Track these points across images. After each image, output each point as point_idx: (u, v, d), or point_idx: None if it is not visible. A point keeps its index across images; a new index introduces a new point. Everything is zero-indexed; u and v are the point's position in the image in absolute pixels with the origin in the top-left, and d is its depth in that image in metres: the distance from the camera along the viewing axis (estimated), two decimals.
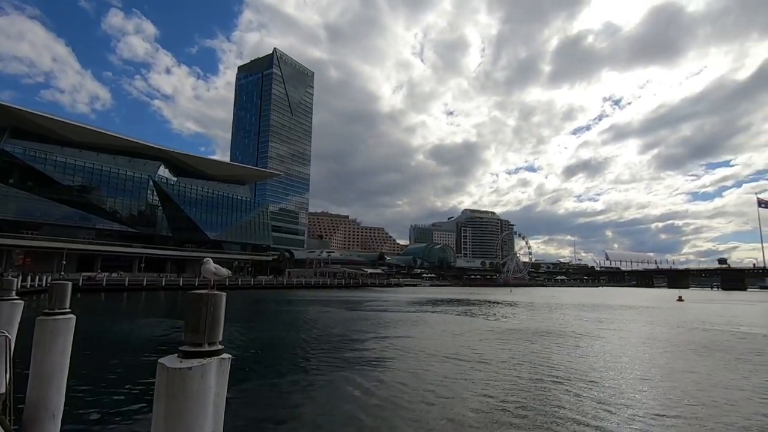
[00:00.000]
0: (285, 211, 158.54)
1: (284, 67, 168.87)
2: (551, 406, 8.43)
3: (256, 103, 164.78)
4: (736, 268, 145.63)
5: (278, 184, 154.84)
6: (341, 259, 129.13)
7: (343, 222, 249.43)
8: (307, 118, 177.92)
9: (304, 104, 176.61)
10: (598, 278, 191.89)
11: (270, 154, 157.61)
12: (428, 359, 13.11)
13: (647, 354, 14.97)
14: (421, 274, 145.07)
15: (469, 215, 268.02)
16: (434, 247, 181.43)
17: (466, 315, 29.98)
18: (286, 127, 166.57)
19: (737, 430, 7.25)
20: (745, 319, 30.20)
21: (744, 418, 7.86)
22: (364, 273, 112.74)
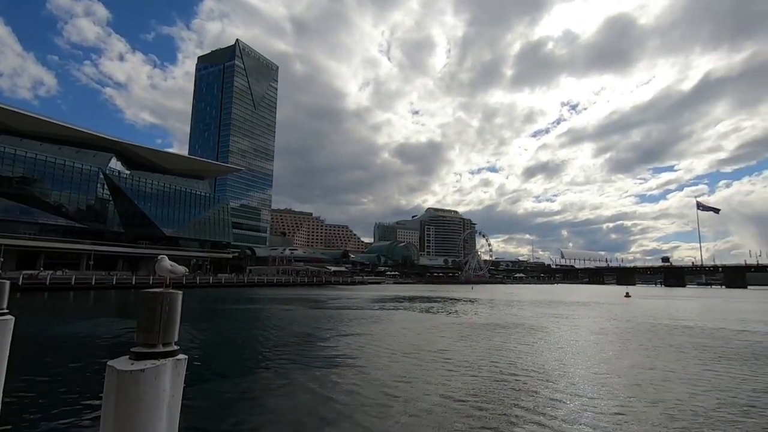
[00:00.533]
0: (246, 208, 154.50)
1: (247, 59, 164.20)
2: (509, 400, 8.71)
3: (216, 95, 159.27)
4: (677, 266, 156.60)
5: (240, 179, 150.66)
6: (305, 257, 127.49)
7: (307, 219, 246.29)
8: (270, 112, 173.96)
9: (267, 98, 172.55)
10: (553, 276, 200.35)
11: (231, 148, 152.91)
12: (390, 356, 13.20)
13: (598, 347, 15.79)
14: (385, 272, 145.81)
15: (432, 214, 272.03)
16: (398, 245, 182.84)
17: (429, 312, 30.43)
18: (249, 121, 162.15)
19: (677, 413, 7.79)
20: (684, 313, 32.55)
21: (680, 402, 8.46)
22: (327, 271, 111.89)
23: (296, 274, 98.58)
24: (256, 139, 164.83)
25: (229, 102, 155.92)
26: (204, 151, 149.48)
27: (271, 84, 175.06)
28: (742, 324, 24.63)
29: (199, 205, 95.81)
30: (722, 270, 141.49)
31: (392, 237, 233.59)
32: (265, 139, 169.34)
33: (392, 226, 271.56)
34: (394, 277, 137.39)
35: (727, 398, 8.94)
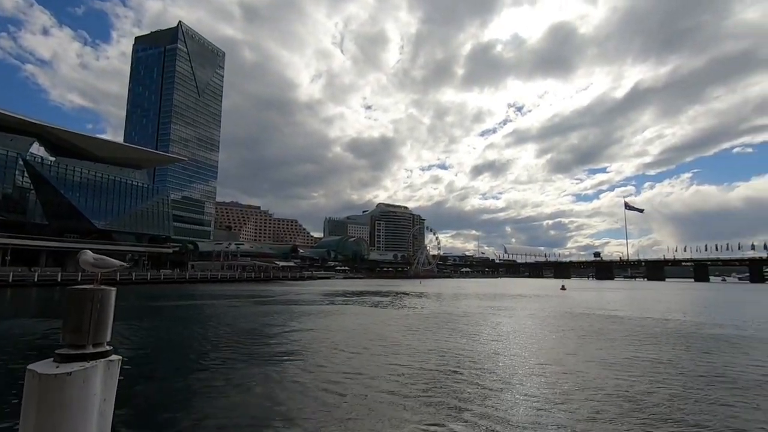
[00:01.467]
0: (189, 200, 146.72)
1: (191, 43, 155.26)
2: (454, 392, 8.97)
3: (156, 80, 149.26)
4: (606, 261, 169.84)
5: (182, 170, 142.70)
6: (251, 252, 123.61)
7: (255, 213, 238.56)
8: (216, 100, 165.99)
9: (213, 86, 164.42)
10: (497, 270, 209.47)
11: (172, 137, 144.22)
12: (338, 351, 13.13)
13: (539, 338, 16.73)
14: (334, 267, 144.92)
15: (383, 209, 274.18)
16: (348, 240, 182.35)
17: (378, 306, 30.66)
18: (192, 108, 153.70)
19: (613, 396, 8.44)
20: (613, 304, 35.43)
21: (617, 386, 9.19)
22: (275, 266, 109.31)
23: (242, 269, 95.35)
24: (200, 128, 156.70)
25: (171, 88, 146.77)
26: (142, 139, 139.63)
27: (216, 71, 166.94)
28: (662, 314, 27.21)
29: (135, 197, 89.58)
30: (645, 264, 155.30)
31: (343, 232, 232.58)
32: (210, 128, 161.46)
33: (343, 221, 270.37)
34: (344, 272, 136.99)
35: (657, 380, 9.82)
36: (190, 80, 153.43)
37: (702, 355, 13.10)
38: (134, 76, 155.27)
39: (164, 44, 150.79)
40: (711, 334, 17.73)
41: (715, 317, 25.19)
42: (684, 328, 19.40)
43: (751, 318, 24.82)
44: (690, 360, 12.28)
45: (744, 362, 12.00)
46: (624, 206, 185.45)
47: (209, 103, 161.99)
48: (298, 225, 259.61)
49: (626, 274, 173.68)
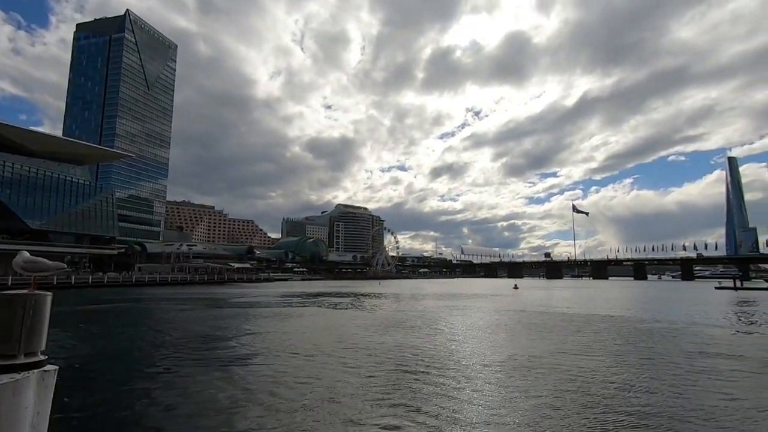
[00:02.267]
0: (136, 199, 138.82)
1: (140, 33, 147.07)
2: (412, 389, 9.12)
3: (101, 70, 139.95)
4: (556, 261, 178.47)
5: (128, 167, 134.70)
6: (205, 253, 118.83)
7: (208, 213, 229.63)
8: (167, 94, 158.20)
9: (164, 79, 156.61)
10: (454, 270, 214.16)
11: (118, 131, 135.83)
12: (295, 354, 12.96)
13: (494, 335, 17.33)
14: (292, 268, 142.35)
15: (342, 210, 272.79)
16: (307, 241, 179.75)
17: (337, 308, 30.49)
18: (141, 102, 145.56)
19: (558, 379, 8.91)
20: (562, 302, 37.41)
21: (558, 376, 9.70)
22: (230, 268, 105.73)
23: (195, 271, 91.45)
24: (149, 123, 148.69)
25: (117, 79, 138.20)
26: (83, 133, 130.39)
27: (168, 63, 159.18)
28: (606, 310, 29.02)
29: (76, 195, 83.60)
30: (590, 264, 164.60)
31: (301, 233, 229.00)
32: (160, 123, 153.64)
33: (301, 221, 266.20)
34: (302, 273, 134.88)
35: (605, 371, 10.46)
36: (138, 72, 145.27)
37: (642, 345, 14.12)
38: (75, 65, 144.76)
39: (110, 33, 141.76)
40: (649, 327, 19.15)
41: (652, 313, 27.26)
42: (626, 323, 20.81)
43: (682, 312, 27.10)
44: (633, 350, 13.20)
45: (677, 350, 13.07)
46: (572, 209, 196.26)
47: (159, 97, 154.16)
48: (254, 225, 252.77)
49: (574, 273, 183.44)
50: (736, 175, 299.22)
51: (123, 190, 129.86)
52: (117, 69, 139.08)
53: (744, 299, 40.08)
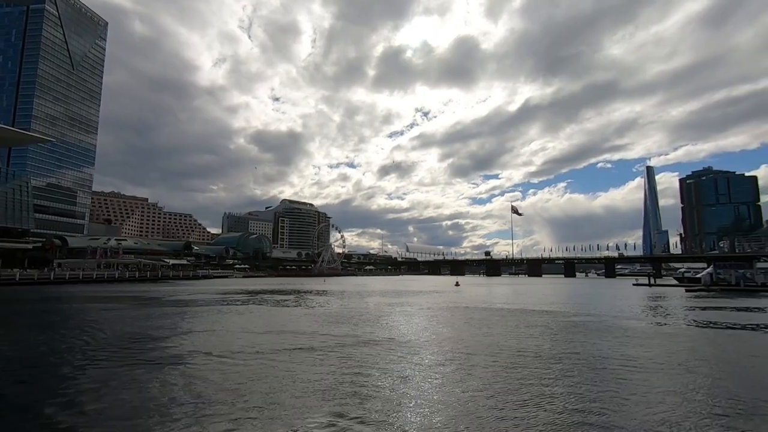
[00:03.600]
0: (57, 188, 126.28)
1: (63, 6, 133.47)
2: (353, 387, 9.09)
3: (15, 44, 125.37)
4: (495, 259, 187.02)
5: (47, 152, 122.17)
6: (136, 249, 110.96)
7: (141, 205, 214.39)
8: (95, 75, 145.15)
9: (92, 58, 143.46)
10: (399, 268, 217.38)
11: (35, 113, 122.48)
12: (235, 354, 12.46)
13: (435, 327, 17.75)
14: (233, 265, 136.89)
15: (287, 206, 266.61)
16: (250, 237, 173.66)
17: (280, 305, 29.76)
18: (63, 82, 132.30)
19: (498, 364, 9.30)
20: (500, 298, 39.28)
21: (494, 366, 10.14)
22: (165, 264, 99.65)
23: (124, 267, 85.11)
24: (74, 105, 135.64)
25: (35, 56, 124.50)
26: None
27: (97, 42, 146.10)
28: (540, 305, 30.83)
29: None
30: (526, 262, 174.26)
31: (244, 228, 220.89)
32: (87, 106, 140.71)
33: (244, 217, 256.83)
34: (244, 270, 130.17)
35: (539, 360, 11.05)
36: (61, 49, 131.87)
37: (571, 337, 15.15)
38: None
39: (27, 3, 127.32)
40: (577, 321, 20.63)
41: (580, 308, 29.44)
42: (558, 317, 22.25)
43: (605, 307, 29.55)
44: (564, 341, 14.11)
45: (600, 341, 14.18)
46: (511, 210, 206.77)
47: (86, 78, 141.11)
48: (192, 220, 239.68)
49: (511, 270, 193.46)
50: (652, 182, 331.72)
51: (41, 178, 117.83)
52: (35, 44, 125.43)
53: (656, 294, 44.57)
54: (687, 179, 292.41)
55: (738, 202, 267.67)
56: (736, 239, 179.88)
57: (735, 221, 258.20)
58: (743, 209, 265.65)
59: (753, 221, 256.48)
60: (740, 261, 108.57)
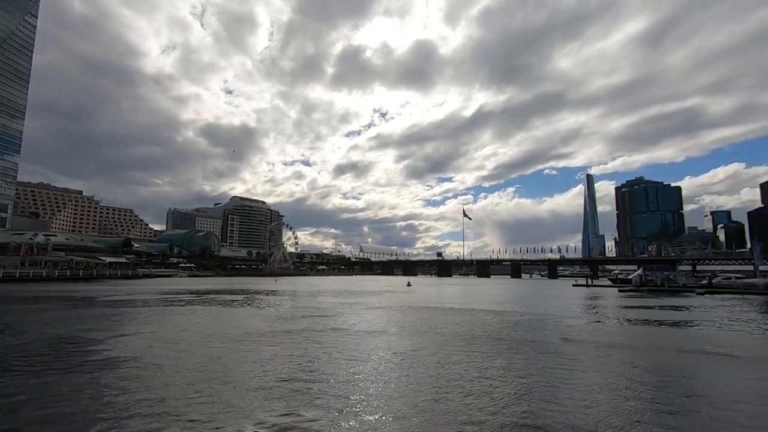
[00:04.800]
0: None
1: None
2: (307, 384, 8.99)
3: None
4: (447, 260, 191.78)
5: None
6: (68, 245, 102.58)
7: (75, 198, 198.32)
8: (23, 55, 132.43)
9: (19, 36, 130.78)
10: (353, 268, 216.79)
11: None
12: (176, 357, 11.90)
13: (382, 328, 17.90)
14: (178, 263, 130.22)
15: (238, 203, 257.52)
16: (197, 235, 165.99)
17: (228, 306, 28.74)
18: None
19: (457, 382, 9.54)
20: (451, 298, 40.37)
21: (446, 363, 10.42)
22: (101, 262, 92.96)
23: (54, 265, 78.35)
24: None
25: None
26: None
27: (26, 18, 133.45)
28: (487, 305, 31.99)
29: None
30: (476, 263, 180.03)
31: (190, 225, 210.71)
32: (13, 88, 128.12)
33: (191, 213, 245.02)
34: (190, 269, 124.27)
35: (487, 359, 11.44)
36: None
37: (516, 334, 15.85)
38: None
39: None
40: (522, 319, 21.62)
41: (525, 307, 30.91)
42: (504, 316, 23.19)
43: (547, 306, 31.24)
44: (508, 338, 14.73)
45: (543, 337, 14.96)
46: (463, 213, 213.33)
47: (13, 57, 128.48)
48: (133, 215, 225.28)
49: (462, 271, 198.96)
50: (592, 190, 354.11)
51: None
52: None
53: (593, 294, 47.71)
54: (622, 188, 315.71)
55: (665, 210, 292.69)
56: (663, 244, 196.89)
57: (662, 227, 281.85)
58: (669, 217, 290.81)
59: (677, 228, 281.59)
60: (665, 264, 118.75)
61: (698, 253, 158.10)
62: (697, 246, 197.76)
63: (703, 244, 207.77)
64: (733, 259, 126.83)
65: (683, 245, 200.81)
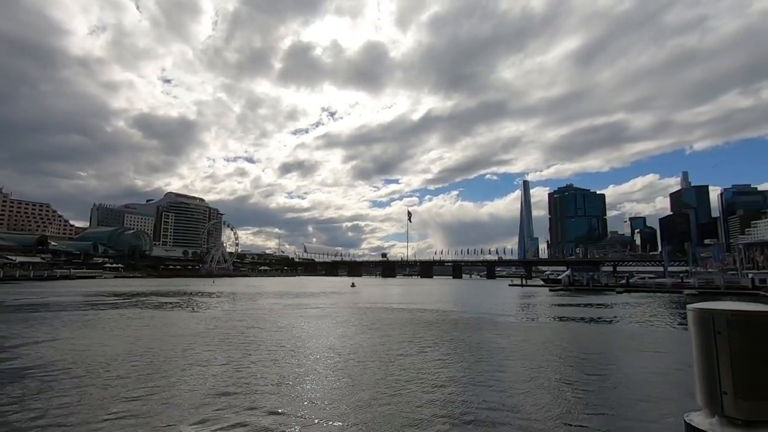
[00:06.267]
0: None
1: None
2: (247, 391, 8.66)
3: None
4: (391, 261, 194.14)
5: None
6: None
7: None
8: None
9: None
10: (296, 269, 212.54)
11: None
12: (98, 367, 10.97)
13: (327, 327, 17.74)
14: (103, 263, 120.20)
15: (173, 200, 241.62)
16: (125, 233, 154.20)
17: (160, 308, 26.97)
18: None
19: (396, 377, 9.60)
20: (392, 298, 40.87)
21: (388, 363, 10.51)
22: (10, 262, 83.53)
23: None
24: None
25: None
26: None
27: None
28: (429, 304, 32.77)
29: None
30: (419, 264, 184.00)
31: (118, 222, 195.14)
32: None
33: (119, 209, 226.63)
34: (117, 270, 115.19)
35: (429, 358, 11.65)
36: None
37: (455, 332, 16.37)
38: None
39: None
40: (461, 318, 22.38)
41: (465, 306, 32.10)
42: (444, 315, 23.87)
43: (486, 305, 32.67)
44: (448, 336, 15.17)
45: (479, 335, 15.59)
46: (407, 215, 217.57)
47: None
48: (51, 210, 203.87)
49: (405, 272, 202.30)
50: (528, 195, 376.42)
51: None
52: None
53: (527, 293, 50.62)
54: (554, 194, 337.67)
55: (591, 216, 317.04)
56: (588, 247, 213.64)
57: (588, 231, 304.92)
58: (594, 222, 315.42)
59: (600, 232, 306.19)
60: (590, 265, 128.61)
61: (618, 256, 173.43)
62: (618, 249, 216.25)
63: (622, 247, 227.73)
64: (647, 261, 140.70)
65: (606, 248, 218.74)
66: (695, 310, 1.80)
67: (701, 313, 1.77)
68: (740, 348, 1.64)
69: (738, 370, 1.63)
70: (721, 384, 1.66)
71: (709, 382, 1.71)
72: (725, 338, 1.66)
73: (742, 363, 1.63)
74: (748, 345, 1.63)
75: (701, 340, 1.76)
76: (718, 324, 1.69)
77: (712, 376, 1.70)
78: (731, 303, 1.78)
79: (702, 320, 1.76)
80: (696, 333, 1.79)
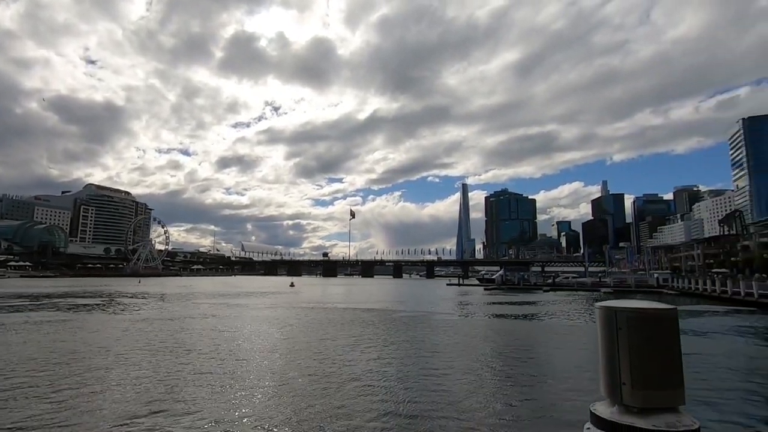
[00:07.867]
0: None
1: None
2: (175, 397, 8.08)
3: None
4: (332, 260, 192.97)
5: None
6: None
7: None
8: None
9: None
10: (233, 268, 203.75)
11: None
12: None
13: (263, 328, 17.11)
14: (7, 261, 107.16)
15: (94, 192, 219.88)
16: (35, 227, 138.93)
17: (75, 310, 24.47)
18: None
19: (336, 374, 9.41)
20: (332, 297, 40.57)
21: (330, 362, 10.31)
22: None
23: None
24: None
25: None
26: None
27: None
28: (369, 304, 32.89)
29: None
30: (361, 264, 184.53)
31: (28, 216, 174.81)
32: None
33: (29, 201, 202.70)
34: (24, 268, 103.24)
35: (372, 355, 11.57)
36: None
37: (396, 330, 16.51)
38: None
39: None
40: (401, 316, 22.65)
41: (404, 305, 32.60)
42: (384, 314, 24.03)
43: (424, 303, 33.49)
44: (388, 335, 15.25)
45: (420, 332, 15.87)
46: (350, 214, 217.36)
47: None
48: None
49: (347, 271, 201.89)
50: (466, 198, 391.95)
51: None
52: None
53: (464, 292, 52.67)
54: (490, 197, 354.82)
55: (523, 219, 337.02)
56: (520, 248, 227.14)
57: (520, 234, 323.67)
58: (526, 224, 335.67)
59: (531, 234, 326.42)
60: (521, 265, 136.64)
61: (546, 257, 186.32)
62: (546, 250, 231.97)
63: (550, 248, 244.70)
64: (571, 262, 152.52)
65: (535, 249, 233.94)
66: (601, 308, 1.98)
67: (606, 310, 1.94)
68: (637, 342, 1.80)
69: (634, 362, 1.79)
70: (620, 375, 1.82)
71: (611, 373, 1.86)
72: (625, 333, 1.83)
73: (638, 356, 1.79)
74: (643, 340, 1.80)
75: (605, 335, 1.93)
76: (619, 320, 1.85)
77: (613, 368, 1.85)
78: (632, 301, 1.92)
79: (606, 317, 1.92)
80: (601, 329, 1.96)
